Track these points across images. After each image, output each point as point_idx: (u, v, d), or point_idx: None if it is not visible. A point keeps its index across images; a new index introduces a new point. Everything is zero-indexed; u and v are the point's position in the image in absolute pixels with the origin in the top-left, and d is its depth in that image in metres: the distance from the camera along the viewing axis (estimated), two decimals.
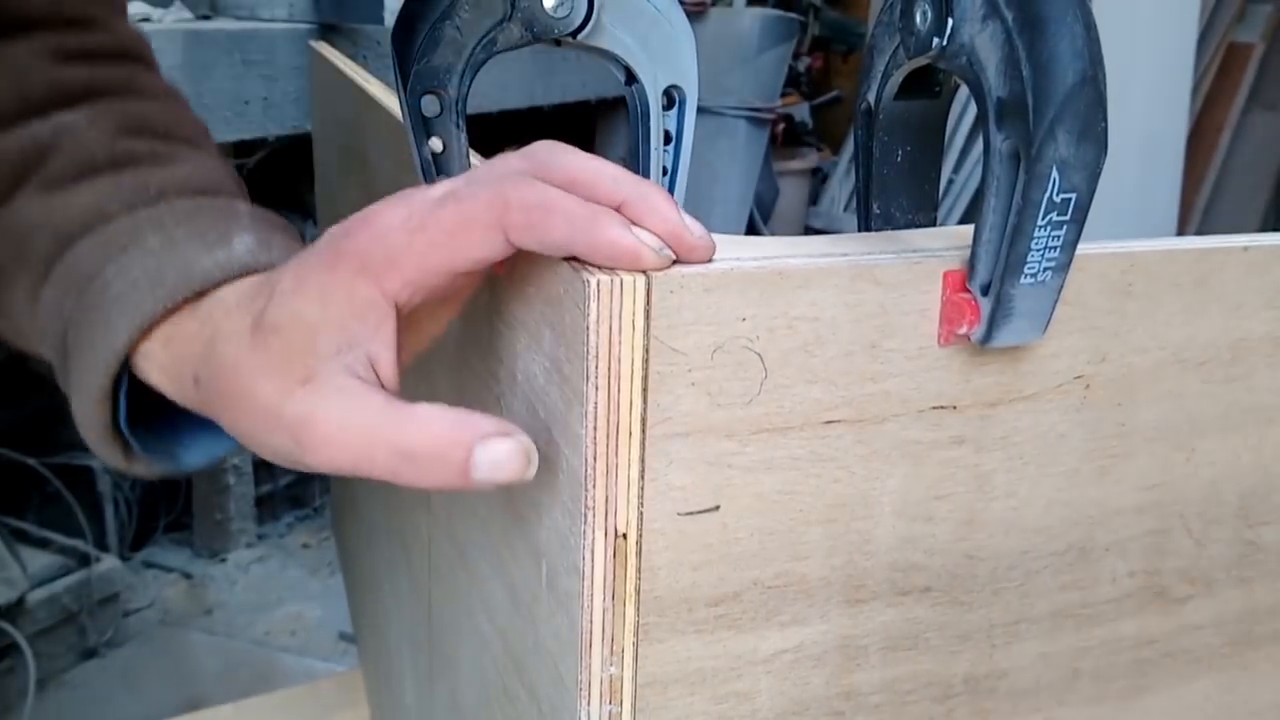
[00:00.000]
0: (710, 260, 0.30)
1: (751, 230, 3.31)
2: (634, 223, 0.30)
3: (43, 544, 1.88)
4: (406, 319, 0.33)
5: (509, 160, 0.33)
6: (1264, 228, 3.28)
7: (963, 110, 3.20)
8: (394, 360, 0.33)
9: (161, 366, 0.39)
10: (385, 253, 0.32)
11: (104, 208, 0.41)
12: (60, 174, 0.43)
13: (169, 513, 2.26)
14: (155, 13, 1.73)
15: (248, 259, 0.39)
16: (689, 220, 0.30)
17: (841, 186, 3.67)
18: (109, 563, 1.92)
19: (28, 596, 1.77)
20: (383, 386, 0.32)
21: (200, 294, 0.38)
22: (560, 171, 0.31)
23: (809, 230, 3.58)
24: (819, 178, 3.84)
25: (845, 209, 3.60)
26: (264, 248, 0.40)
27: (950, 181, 3.30)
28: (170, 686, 1.84)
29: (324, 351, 0.32)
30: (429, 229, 0.31)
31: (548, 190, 0.30)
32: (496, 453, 0.30)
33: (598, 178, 0.31)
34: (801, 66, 4.00)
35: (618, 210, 0.31)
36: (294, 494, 2.38)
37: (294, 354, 0.32)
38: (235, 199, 0.44)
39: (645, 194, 0.31)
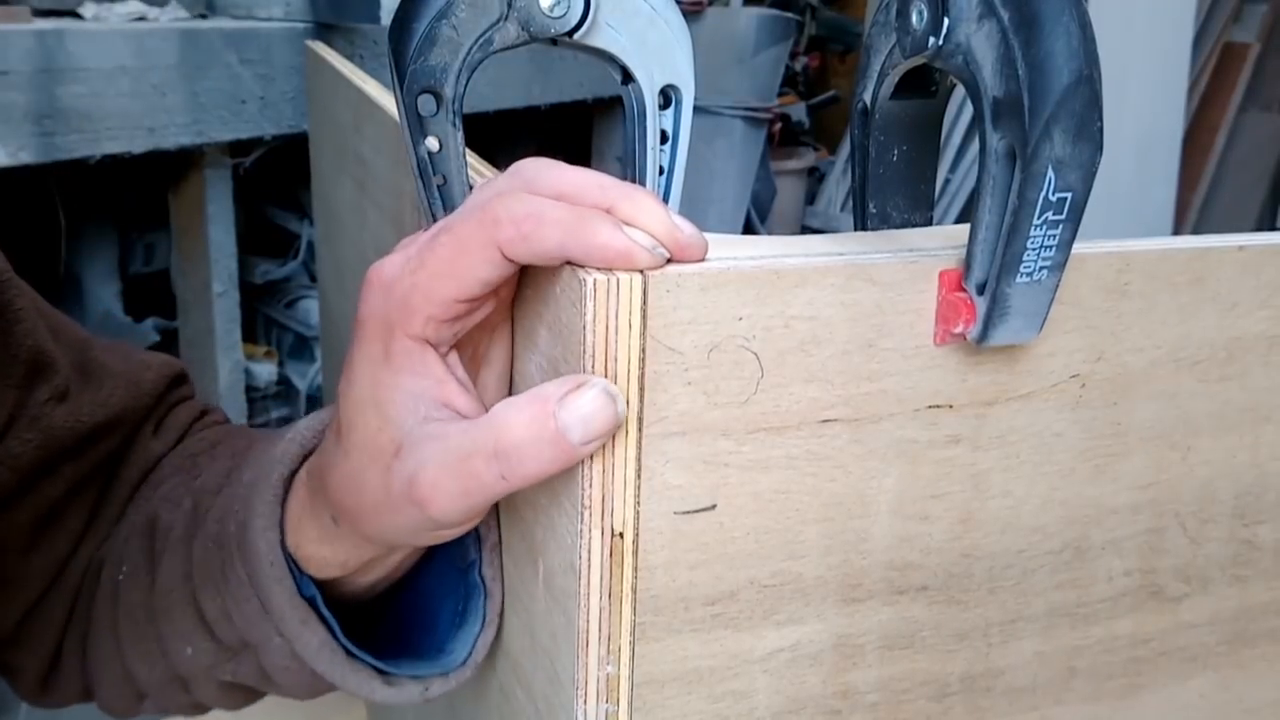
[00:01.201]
0: (704, 258, 0.30)
1: (748, 230, 3.31)
2: (625, 224, 0.30)
3: None
4: (467, 353, 0.34)
5: (494, 182, 0.33)
6: (1259, 227, 3.28)
7: (959, 110, 3.20)
8: (462, 390, 0.33)
9: (311, 538, 0.39)
10: (396, 302, 0.32)
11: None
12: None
13: None
14: (151, 11, 1.73)
15: (313, 422, 0.41)
16: (679, 219, 0.30)
17: (838, 186, 3.68)
18: None
19: None
20: (466, 416, 0.33)
21: (303, 460, 0.40)
22: (547, 185, 0.32)
23: (806, 230, 3.58)
24: (816, 177, 3.84)
25: (842, 209, 3.61)
26: (331, 408, 0.41)
27: (946, 181, 3.30)
28: None
29: (397, 420, 0.33)
30: (428, 264, 0.32)
31: (535, 200, 0.30)
32: (580, 409, 0.29)
33: (584, 188, 0.31)
34: (798, 66, 4.00)
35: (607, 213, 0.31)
36: None
37: (375, 437, 0.33)
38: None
39: (633, 197, 0.31)
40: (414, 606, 0.44)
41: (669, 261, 0.30)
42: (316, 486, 0.38)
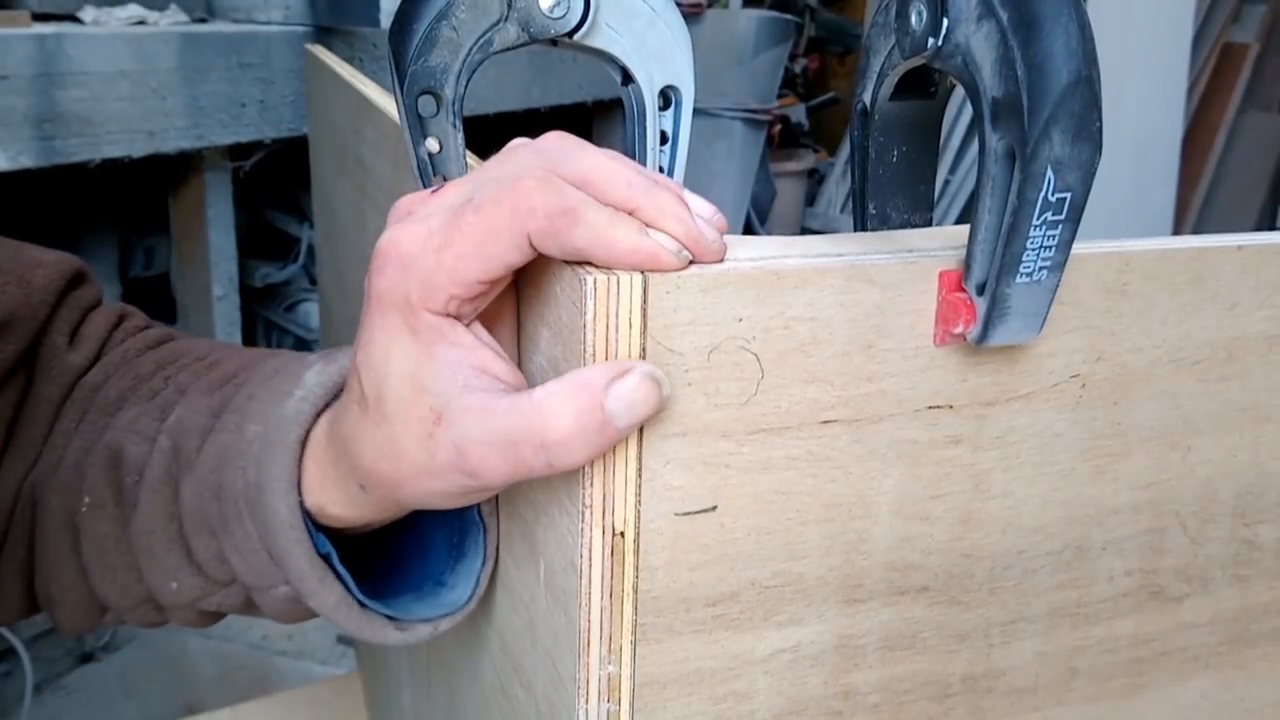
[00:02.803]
0: (723, 259, 0.30)
1: (748, 231, 3.31)
2: (649, 226, 0.30)
3: None
4: (484, 317, 0.34)
5: (521, 157, 0.32)
6: (1259, 228, 3.28)
7: (959, 111, 3.20)
8: (495, 355, 0.33)
9: (336, 502, 0.39)
10: (419, 279, 0.32)
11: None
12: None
13: None
14: (151, 15, 1.73)
15: (322, 379, 0.40)
16: (703, 222, 0.30)
17: (838, 188, 3.68)
18: None
19: None
20: (504, 381, 0.33)
21: (315, 420, 0.40)
22: (575, 169, 0.31)
23: (806, 231, 3.58)
24: (815, 179, 3.84)
25: (842, 210, 3.61)
26: (329, 360, 0.41)
27: (946, 182, 3.30)
28: (167, 691, 1.83)
29: (434, 388, 0.32)
30: (455, 244, 0.31)
31: (569, 194, 0.30)
32: (627, 395, 0.29)
33: (611, 181, 0.31)
34: (798, 68, 4.01)
35: (631, 215, 0.30)
36: None
37: (411, 406, 0.33)
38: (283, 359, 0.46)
39: (659, 201, 0.31)
40: (405, 536, 0.43)
41: (691, 263, 0.30)
42: (341, 455, 0.38)
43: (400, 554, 0.44)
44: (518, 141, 0.33)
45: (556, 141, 0.32)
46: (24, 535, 0.48)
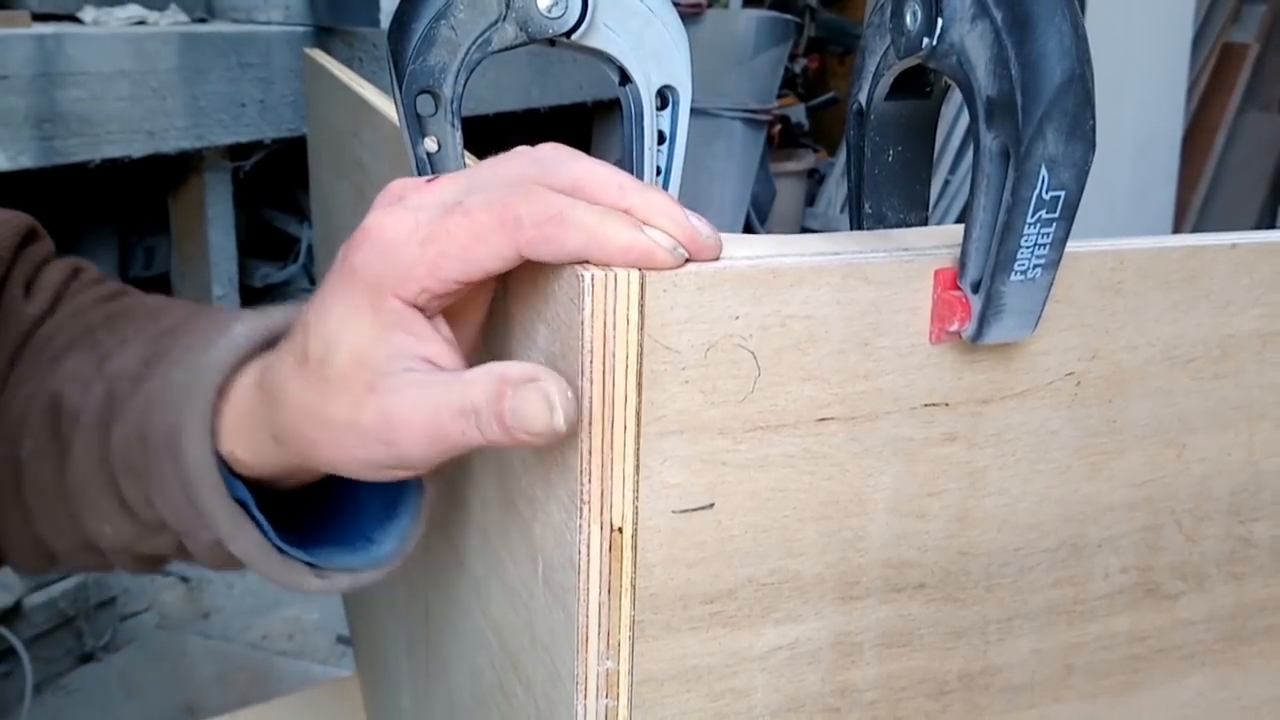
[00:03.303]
0: (719, 257, 0.31)
1: (748, 231, 3.31)
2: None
3: None
4: (449, 313, 0.34)
5: (515, 162, 0.33)
6: (1259, 228, 3.28)
7: (958, 112, 3.20)
8: (448, 350, 0.34)
9: (248, 449, 0.40)
10: (396, 266, 0.32)
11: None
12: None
13: None
14: (151, 15, 1.73)
15: (249, 332, 0.41)
16: (695, 220, 0.31)
17: (838, 188, 3.68)
18: None
19: (25, 601, 1.77)
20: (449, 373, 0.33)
21: (237, 369, 0.41)
22: (566, 177, 0.32)
23: (806, 231, 3.58)
24: (815, 179, 3.85)
25: (841, 210, 3.61)
26: (262, 315, 0.42)
27: (946, 182, 3.31)
28: (167, 691, 1.84)
29: (377, 364, 0.33)
30: (439, 241, 0.31)
31: (556, 200, 0.30)
32: (520, 404, 0.30)
33: (604, 187, 0.31)
34: (798, 68, 4.01)
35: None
36: None
37: (350, 374, 0.33)
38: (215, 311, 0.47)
39: (651, 200, 0.31)
40: (338, 494, 0.44)
41: (687, 260, 0.30)
42: (263, 403, 0.38)
43: (336, 509, 0.44)
44: (518, 150, 0.34)
45: (550, 151, 0.33)
46: None
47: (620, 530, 0.31)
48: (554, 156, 0.33)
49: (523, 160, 0.33)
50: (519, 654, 0.38)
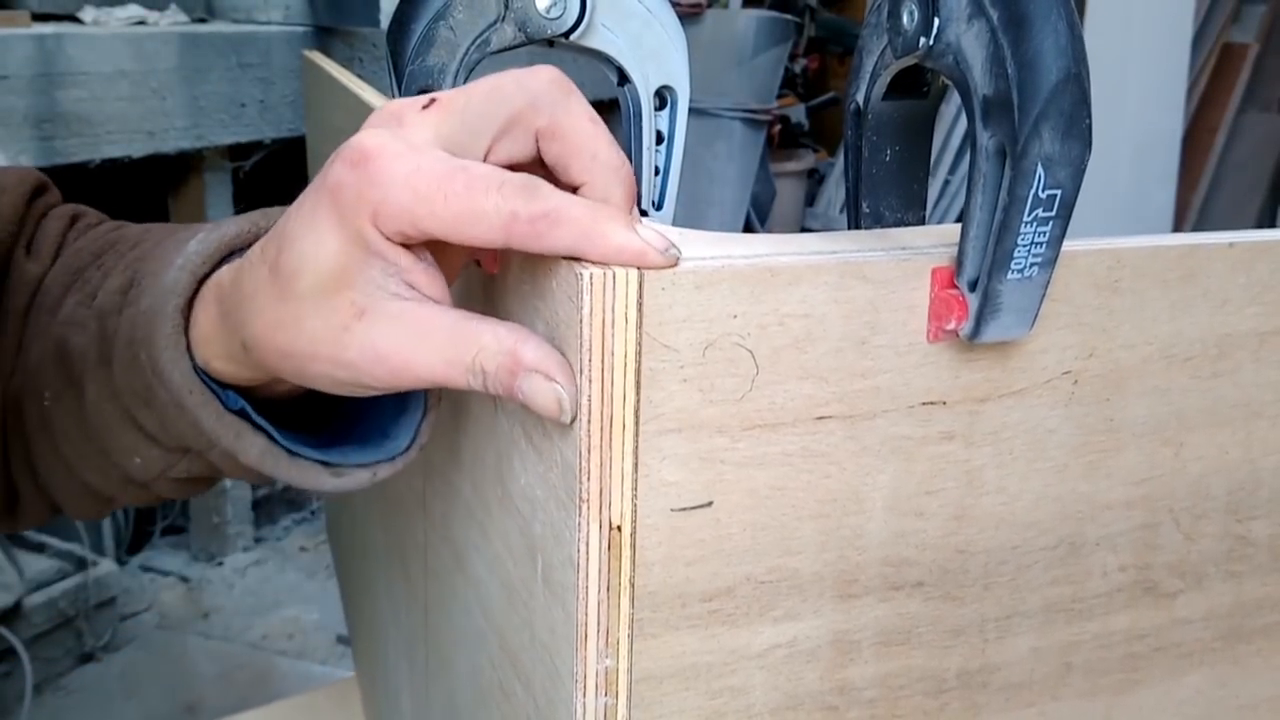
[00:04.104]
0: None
1: (748, 231, 3.31)
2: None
3: (39, 548, 1.88)
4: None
5: (510, 97, 0.33)
6: (1259, 228, 3.28)
7: (958, 112, 3.20)
8: (431, 277, 0.33)
9: (218, 356, 0.40)
10: (382, 203, 0.32)
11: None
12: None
13: (166, 516, 2.26)
14: (151, 15, 1.73)
15: (203, 247, 0.41)
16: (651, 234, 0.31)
17: (838, 188, 3.68)
18: (106, 567, 1.92)
19: (25, 601, 1.77)
20: (434, 300, 0.33)
21: (199, 285, 0.40)
22: (560, 141, 0.32)
23: (805, 231, 3.58)
24: (815, 179, 3.85)
25: (841, 210, 3.61)
26: (216, 226, 0.42)
27: (946, 183, 3.31)
28: (167, 691, 1.84)
29: (362, 288, 0.33)
30: (433, 201, 0.31)
31: (554, 198, 0.31)
32: (531, 391, 0.31)
33: (577, 153, 0.32)
34: (798, 68, 4.01)
35: (575, 191, 0.32)
36: (291, 497, 2.38)
37: (329, 295, 0.33)
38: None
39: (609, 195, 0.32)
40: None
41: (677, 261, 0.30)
42: (229, 311, 0.38)
43: (353, 409, 0.44)
44: (514, 78, 0.33)
45: (549, 95, 0.33)
46: (20, 444, 0.50)
47: (619, 528, 0.31)
48: (551, 102, 0.33)
49: (518, 98, 0.33)
50: (519, 653, 0.38)
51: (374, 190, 0.32)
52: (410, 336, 0.33)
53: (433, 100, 0.33)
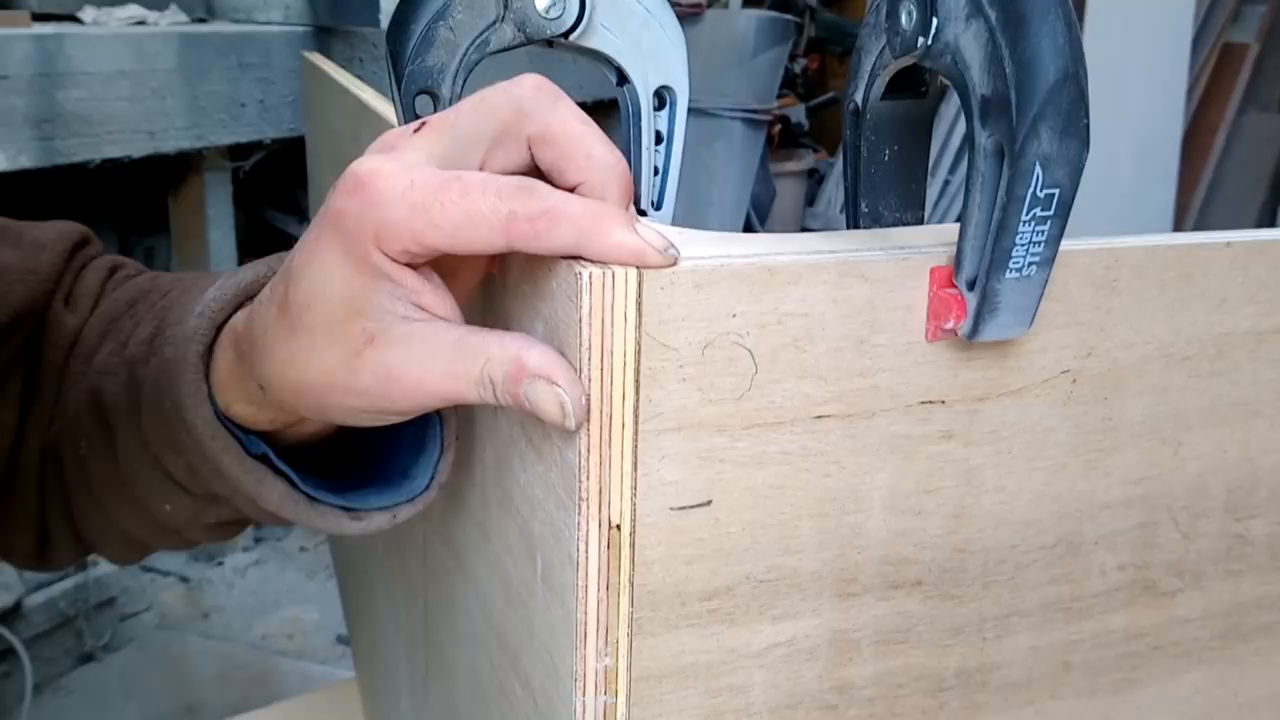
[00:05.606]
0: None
1: (748, 231, 3.31)
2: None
3: None
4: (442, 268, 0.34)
5: (498, 107, 0.33)
6: (1259, 228, 3.28)
7: (958, 113, 3.20)
8: (440, 298, 0.33)
9: (238, 400, 0.40)
10: (382, 224, 0.32)
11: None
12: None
13: None
14: (151, 15, 1.73)
15: (220, 293, 0.41)
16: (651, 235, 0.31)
17: (838, 188, 3.68)
18: (106, 567, 1.92)
19: (24, 601, 1.77)
20: (445, 321, 0.33)
21: (217, 331, 0.41)
22: (552, 145, 0.32)
23: (805, 231, 3.58)
24: (815, 179, 3.84)
25: (841, 210, 3.61)
26: (232, 275, 0.42)
27: (946, 183, 3.31)
28: (167, 690, 1.84)
29: (372, 314, 0.33)
30: (430, 212, 0.31)
31: (552, 197, 0.31)
32: (535, 397, 0.31)
33: (568, 155, 0.32)
34: (798, 68, 4.01)
35: (572, 190, 0.32)
36: None
37: (342, 325, 0.33)
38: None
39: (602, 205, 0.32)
40: (374, 435, 0.44)
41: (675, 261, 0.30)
42: (245, 353, 0.38)
43: (372, 450, 0.44)
44: (503, 91, 0.33)
45: (537, 102, 0.33)
46: (58, 489, 0.50)
47: (618, 527, 0.31)
48: (537, 109, 0.32)
49: (506, 109, 0.33)
50: (518, 652, 0.38)
51: (373, 211, 0.32)
52: (420, 355, 0.33)
53: (423, 124, 0.34)
